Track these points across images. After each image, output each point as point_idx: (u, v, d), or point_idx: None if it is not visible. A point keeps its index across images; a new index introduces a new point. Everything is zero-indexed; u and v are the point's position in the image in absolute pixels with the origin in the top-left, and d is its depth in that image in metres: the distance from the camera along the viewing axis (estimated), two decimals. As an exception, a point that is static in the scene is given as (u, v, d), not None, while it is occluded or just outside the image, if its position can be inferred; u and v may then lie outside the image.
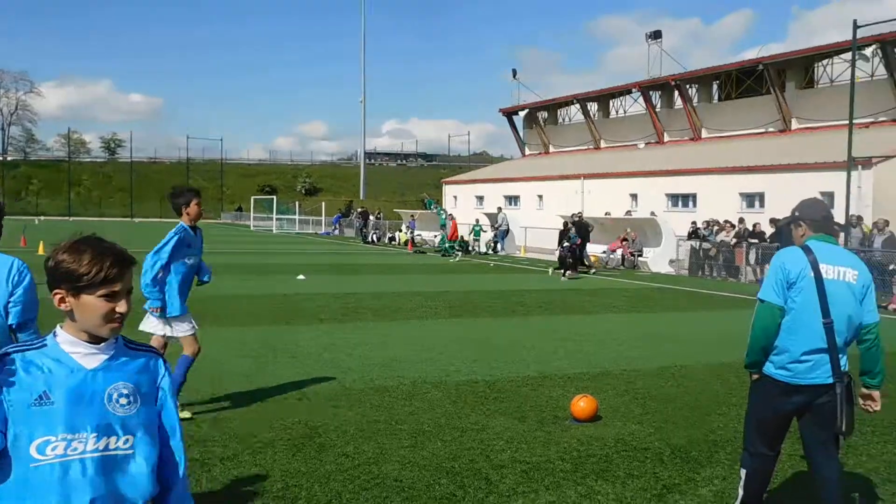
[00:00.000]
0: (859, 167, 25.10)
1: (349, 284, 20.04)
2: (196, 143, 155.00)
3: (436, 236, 37.19)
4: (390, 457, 6.13)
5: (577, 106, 49.16)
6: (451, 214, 35.65)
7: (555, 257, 30.19)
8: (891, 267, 20.49)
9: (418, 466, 5.93)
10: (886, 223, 21.95)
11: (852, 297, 4.49)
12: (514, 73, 54.39)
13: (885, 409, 7.97)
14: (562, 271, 23.71)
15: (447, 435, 6.76)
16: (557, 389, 8.61)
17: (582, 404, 7.31)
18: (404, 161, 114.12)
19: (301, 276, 21.15)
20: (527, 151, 55.18)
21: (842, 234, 21.50)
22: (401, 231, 43.02)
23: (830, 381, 4.49)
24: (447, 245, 32.88)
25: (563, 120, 52.55)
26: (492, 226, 37.74)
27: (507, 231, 36.63)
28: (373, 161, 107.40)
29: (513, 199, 46.41)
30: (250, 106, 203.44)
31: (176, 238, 6.98)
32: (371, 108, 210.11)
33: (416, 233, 39.73)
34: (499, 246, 36.43)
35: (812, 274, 4.46)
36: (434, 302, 16.68)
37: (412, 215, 42.72)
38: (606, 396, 8.27)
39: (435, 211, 37.30)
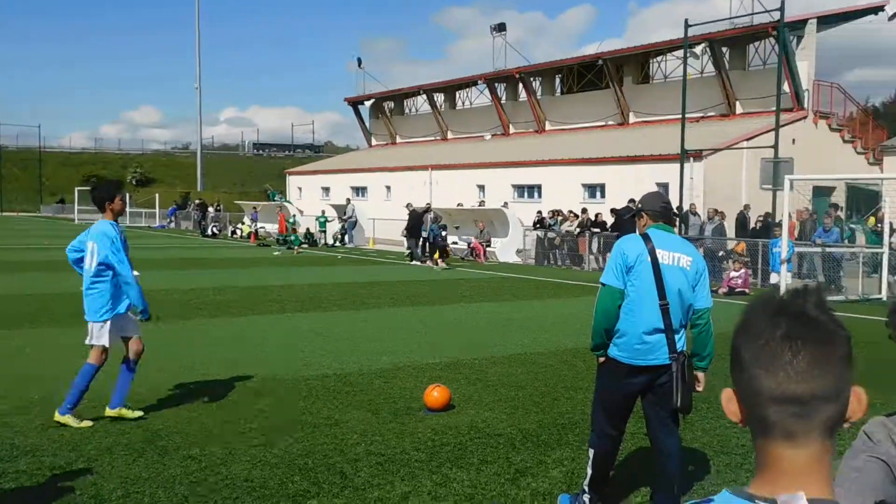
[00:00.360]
0: (691, 159, 26.57)
1: (188, 280, 19.22)
2: (9, 129, 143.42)
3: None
4: (240, 457, 5.93)
5: (424, 97, 49.42)
6: (279, 207, 35.18)
7: (402, 248, 30.33)
8: (720, 253, 21.86)
9: (270, 465, 5.76)
10: (716, 212, 23.40)
11: (686, 282, 4.73)
12: (360, 62, 54.10)
13: (717, 386, 8.50)
14: (435, 261, 24.06)
15: (299, 431, 6.61)
16: (410, 380, 8.62)
17: (435, 394, 7.34)
18: (245, 150, 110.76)
19: (135, 273, 20.15)
20: (373, 142, 55.02)
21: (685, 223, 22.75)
22: (243, 223, 41.85)
23: (668, 361, 4.71)
24: (280, 237, 32.35)
25: (410, 110, 52.73)
26: (339, 217, 37.45)
27: (356, 223, 36.47)
28: (211, 150, 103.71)
29: (360, 191, 46.17)
30: (71, 92, 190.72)
31: (121, 235, 6.76)
32: (208, 96, 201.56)
33: (259, 225, 38.76)
34: (346, 238, 36.23)
35: (649, 259, 4.68)
36: (281, 295, 16.34)
37: (254, 207, 41.62)
38: (459, 385, 8.35)
39: (279, 202, 36.64)
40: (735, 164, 27.85)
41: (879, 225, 19.72)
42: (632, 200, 24.21)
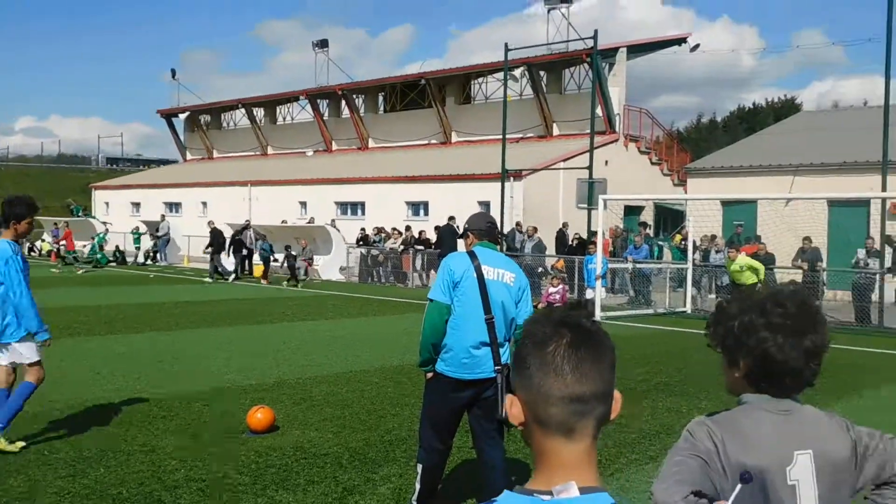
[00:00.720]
0: (511, 178, 27.45)
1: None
2: None
3: (85, 246, 34.22)
4: (45, 489, 5.47)
5: (243, 111, 48.13)
6: (65, 223, 33.30)
7: (228, 267, 29.42)
8: (539, 269, 22.67)
9: (79, 497, 5.35)
10: (535, 230, 24.27)
11: (510, 297, 4.88)
12: (174, 73, 51.89)
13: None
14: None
15: (112, 460, 6.19)
16: (232, 403, 8.30)
17: (259, 416, 7.10)
18: (44, 162, 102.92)
19: None
20: (189, 156, 52.95)
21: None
22: (43, 241, 38.65)
23: (494, 374, 4.82)
24: (70, 255, 30.53)
25: (228, 124, 51.16)
26: (151, 234, 35.78)
27: (169, 240, 34.98)
28: (5, 162, 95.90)
29: (174, 206, 44.22)
30: None
31: (19, 256, 6.37)
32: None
33: (61, 242, 36.14)
34: (159, 255, 34.67)
35: (475, 275, 4.80)
36: (87, 317, 15.32)
37: (55, 223, 38.58)
38: (283, 406, 8.12)
39: (83, 218, 34.51)
40: (553, 184, 29.05)
41: (684, 242, 21.14)
42: (451, 218, 24.71)
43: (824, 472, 2.02)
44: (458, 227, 23.87)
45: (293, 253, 25.38)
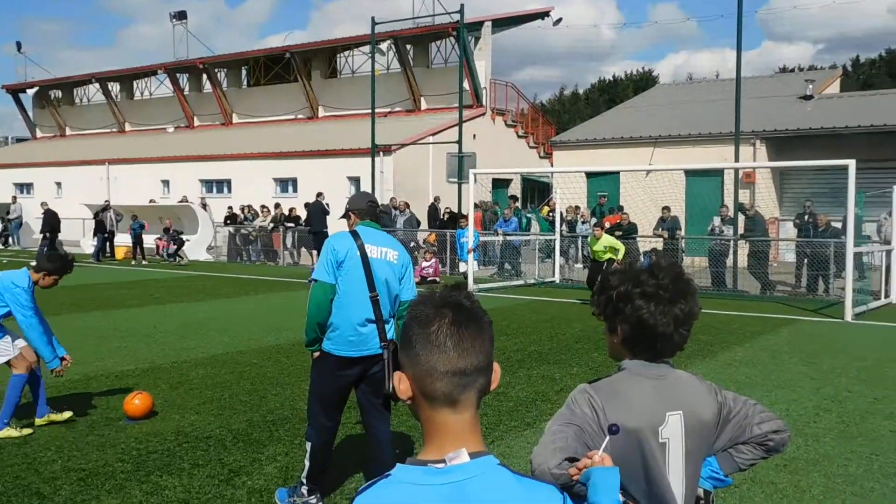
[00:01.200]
0: (381, 153, 27.37)
1: None
2: None
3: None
4: None
5: (97, 85, 45.68)
6: None
7: (84, 250, 28.13)
8: (411, 244, 22.75)
9: (-57, 499, 5.04)
10: (407, 205, 24.34)
11: (393, 275, 4.95)
12: (19, 45, 48.71)
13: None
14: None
15: (-23, 456, 5.85)
16: (106, 389, 7.98)
17: (136, 402, 6.87)
18: None
19: None
20: (39, 133, 49.93)
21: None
22: None
23: (380, 350, 4.89)
24: None
25: (81, 100, 48.50)
26: (1, 218, 33.71)
27: (22, 223, 33.04)
28: None
29: (25, 187, 41.72)
30: None
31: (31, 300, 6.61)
32: None
33: None
34: (11, 239, 32.69)
35: (359, 254, 4.84)
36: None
37: None
38: (160, 391, 7.89)
39: None
40: (422, 158, 29.18)
41: (552, 214, 21.73)
42: (320, 194, 24.45)
43: (692, 430, 2.22)
44: (327, 203, 23.64)
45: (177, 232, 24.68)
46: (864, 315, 14.00)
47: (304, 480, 5.03)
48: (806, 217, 18.20)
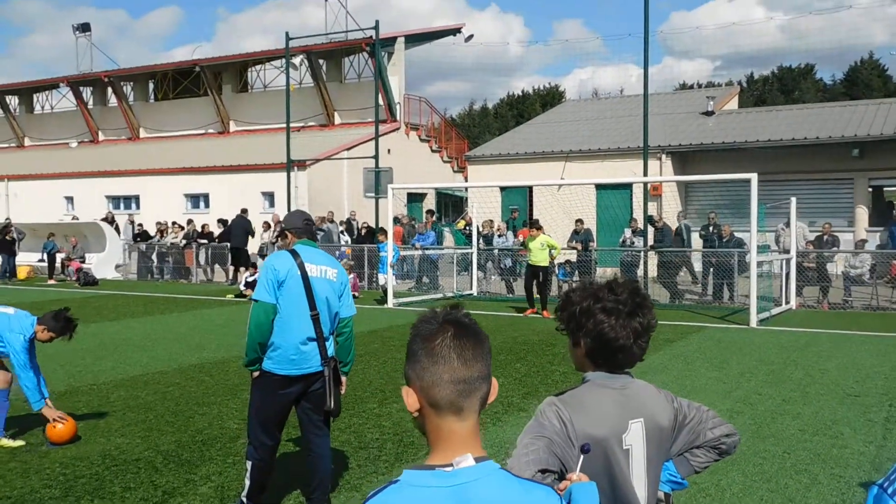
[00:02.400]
0: (295, 168, 27.16)
1: None
2: None
3: None
4: None
5: (-6, 99, 43.90)
6: None
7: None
8: (336, 253, 22.67)
9: None
10: (323, 219, 24.24)
11: (333, 293, 5.04)
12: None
13: (357, 387, 8.86)
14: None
15: None
16: (23, 414, 7.70)
17: (59, 427, 6.69)
18: None
19: None
20: (-69, 149, 47.59)
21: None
22: None
23: (321, 367, 4.94)
24: None
25: (-24, 114, 46.54)
26: None
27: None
28: None
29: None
30: None
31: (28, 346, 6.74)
32: None
33: None
34: None
35: (299, 273, 4.90)
36: None
37: None
38: (82, 414, 7.69)
39: None
40: (337, 173, 29.10)
41: (468, 227, 21.97)
42: (244, 210, 24.15)
43: (652, 436, 2.38)
44: (250, 220, 23.40)
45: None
46: (768, 321, 14.67)
47: (245, 500, 5.04)
48: (710, 228, 18.95)
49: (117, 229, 27.83)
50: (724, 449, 2.53)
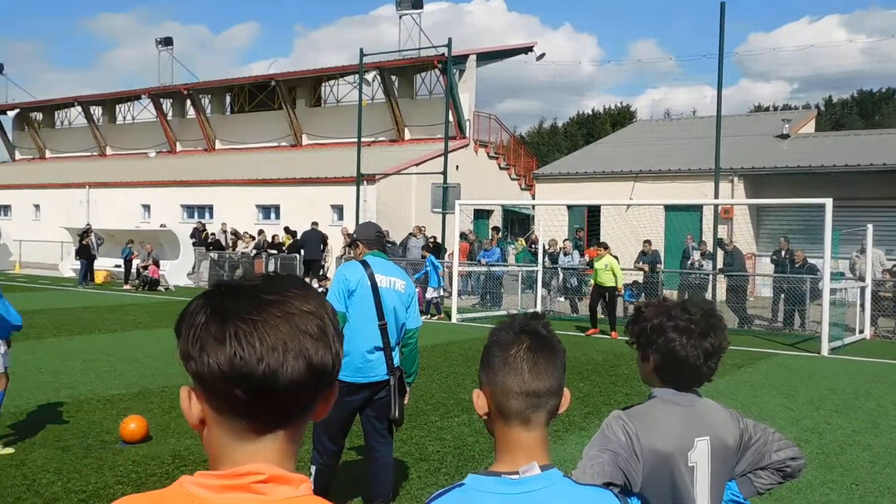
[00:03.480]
0: (364, 182, 27.54)
1: None
2: None
3: None
4: None
5: (79, 108, 45.58)
6: None
7: (62, 273, 28.11)
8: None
9: (-52, 518, 5.09)
10: (421, 231, 24.53)
11: (401, 304, 5.13)
12: (1, 67, 48.65)
13: (423, 398, 8.94)
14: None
15: (-24, 477, 5.89)
16: (98, 413, 8.03)
17: (132, 426, 6.95)
18: None
19: None
20: (17, 156, 49.60)
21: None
22: None
23: (387, 376, 5.03)
24: None
25: (62, 123, 48.33)
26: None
27: (-1, 245, 32.85)
28: None
29: (3, 210, 41.39)
30: None
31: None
32: None
33: None
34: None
35: (369, 283, 5.01)
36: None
37: None
38: (153, 415, 7.94)
39: None
40: (405, 188, 29.37)
41: (534, 245, 21.96)
42: (315, 223, 24.62)
43: (717, 454, 2.39)
44: (323, 232, 23.87)
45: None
46: (840, 350, 14.30)
47: (307, 503, 5.13)
48: (783, 253, 18.56)
49: (206, 239, 28.50)
50: (789, 472, 2.52)
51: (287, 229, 25.96)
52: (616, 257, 19.33)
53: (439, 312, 18.58)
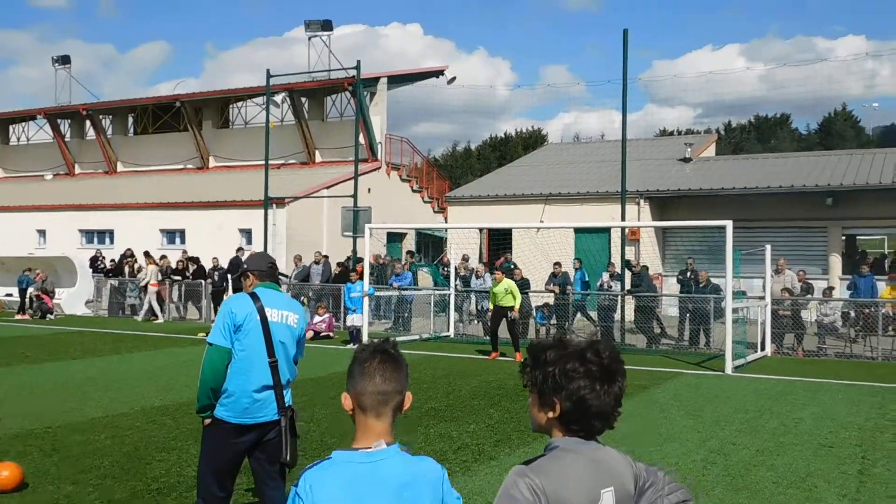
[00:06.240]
0: (274, 206, 26.96)
1: None
2: None
3: None
4: None
5: (-32, 129, 43.40)
6: None
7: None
8: (302, 299, 22.42)
9: None
10: (299, 259, 24.02)
11: (292, 339, 4.85)
12: None
13: (308, 432, 8.60)
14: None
15: None
16: (-30, 459, 7.40)
17: (5, 474, 6.40)
18: None
19: None
20: None
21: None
22: None
23: (277, 416, 4.74)
24: None
25: (-50, 145, 45.99)
26: None
27: None
28: None
29: None
30: None
31: None
32: None
33: None
34: None
35: (258, 318, 4.70)
36: None
37: None
38: (32, 460, 7.39)
39: None
40: (316, 211, 28.93)
41: (446, 269, 21.82)
42: (240, 249, 24.02)
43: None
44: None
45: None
46: (743, 367, 14.56)
47: (192, 556, 4.78)
48: (688, 273, 18.90)
49: (101, 266, 27.39)
50: None
51: (190, 258, 25.16)
52: (526, 280, 19.40)
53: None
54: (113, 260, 27.89)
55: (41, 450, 7.86)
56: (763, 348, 16.58)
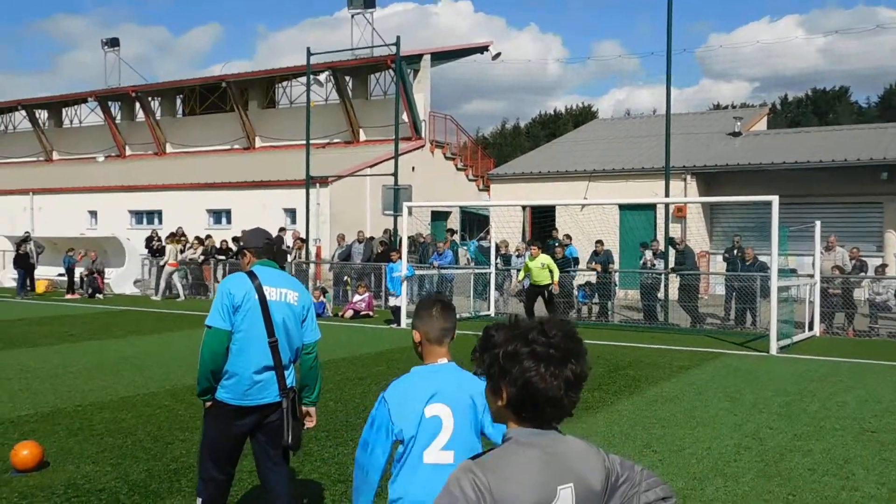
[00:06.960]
0: (317, 185, 27.01)
1: None
2: None
3: None
4: None
5: (24, 112, 44.34)
6: None
7: (2, 283, 27.29)
8: (345, 278, 22.47)
9: None
10: (343, 238, 24.05)
11: (294, 318, 4.70)
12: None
13: (334, 413, 8.52)
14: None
15: None
16: (-4, 437, 7.49)
17: (24, 453, 6.43)
18: None
19: None
20: (-38, 161, 48.19)
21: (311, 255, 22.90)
22: None
23: (278, 398, 4.62)
24: None
25: (7, 128, 47.09)
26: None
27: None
28: None
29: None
30: None
31: None
32: None
33: None
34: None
35: (257, 297, 4.58)
36: None
37: None
38: (57, 438, 7.44)
39: None
40: (359, 190, 28.93)
41: (488, 247, 21.60)
42: (282, 229, 24.14)
43: (583, 502, 2.05)
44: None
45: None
46: (789, 348, 14.13)
47: (194, 539, 4.72)
48: (735, 251, 18.42)
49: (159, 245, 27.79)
50: None
51: (235, 238, 25.36)
52: (573, 254, 19.10)
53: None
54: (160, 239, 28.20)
55: (68, 428, 7.91)
56: (811, 328, 16.09)
